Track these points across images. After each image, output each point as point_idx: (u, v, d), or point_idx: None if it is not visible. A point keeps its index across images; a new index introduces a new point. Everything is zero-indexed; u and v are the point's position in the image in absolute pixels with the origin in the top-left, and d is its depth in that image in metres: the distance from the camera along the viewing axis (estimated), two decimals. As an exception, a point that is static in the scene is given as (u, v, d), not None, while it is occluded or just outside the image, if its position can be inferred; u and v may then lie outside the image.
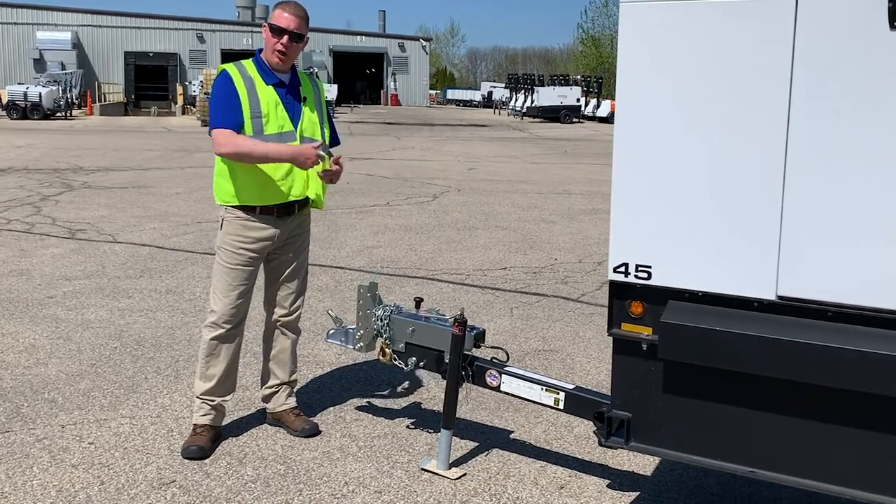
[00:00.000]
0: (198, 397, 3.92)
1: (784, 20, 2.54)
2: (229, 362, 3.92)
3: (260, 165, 3.78)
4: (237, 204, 3.82)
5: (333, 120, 4.19)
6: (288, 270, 4.01)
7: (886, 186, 2.47)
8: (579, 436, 4.11)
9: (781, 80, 2.57)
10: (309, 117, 3.90)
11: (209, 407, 3.91)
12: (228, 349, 3.91)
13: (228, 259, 3.85)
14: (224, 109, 3.75)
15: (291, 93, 3.87)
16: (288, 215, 3.90)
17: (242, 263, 3.85)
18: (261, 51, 3.88)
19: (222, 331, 3.87)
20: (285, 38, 3.77)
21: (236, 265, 3.84)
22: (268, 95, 3.79)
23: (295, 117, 3.85)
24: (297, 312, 4.10)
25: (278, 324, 4.08)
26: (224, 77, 3.79)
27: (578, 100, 43.23)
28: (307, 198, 3.96)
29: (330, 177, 3.82)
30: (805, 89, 2.55)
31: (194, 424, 3.92)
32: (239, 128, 3.73)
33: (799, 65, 2.55)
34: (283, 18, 3.78)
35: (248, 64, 3.86)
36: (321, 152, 3.76)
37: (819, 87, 2.54)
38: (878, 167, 2.48)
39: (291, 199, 3.88)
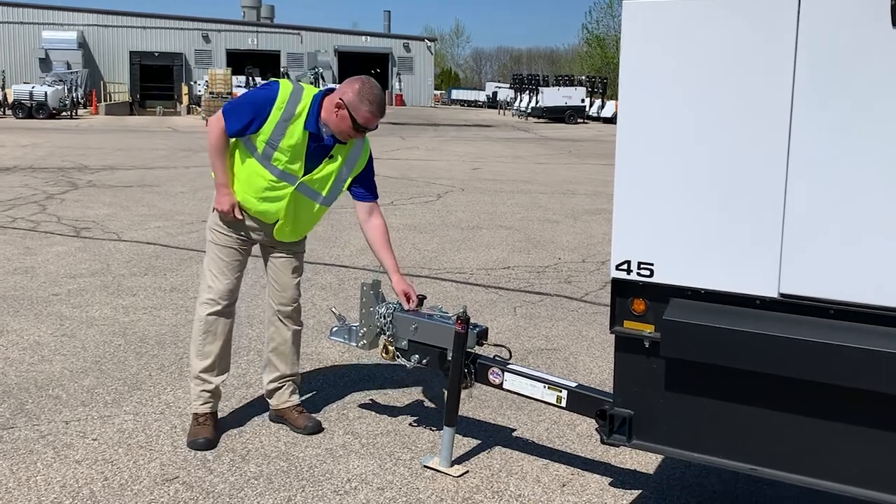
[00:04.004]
0: (196, 377, 3.94)
1: (787, 18, 2.55)
2: (225, 340, 3.96)
3: (245, 188, 3.80)
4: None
5: (374, 177, 4.05)
6: (284, 262, 4.04)
7: (889, 183, 2.47)
8: (582, 434, 4.11)
9: (784, 77, 2.58)
10: (324, 173, 3.82)
11: (208, 394, 3.93)
12: (225, 325, 3.95)
13: (220, 239, 3.92)
14: (240, 113, 3.69)
15: (321, 146, 3.78)
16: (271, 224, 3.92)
17: (234, 243, 3.92)
18: (328, 92, 3.73)
19: (219, 307, 3.91)
20: (357, 133, 3.74)
21: (228, 245, 3.92)
22: (297, 135, 3.70)
23: (309, 166, 3.78)
24: (296, 303, 4.11)
25: (279, 314, 4.10)
26: (271, 91, 3.69)
27: (583, 100, 43.13)
28: None
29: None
30: (808, 87, 2.55)
31: (195, 414, 3.93)
32: (236, 134, 3.72)
33: (802, 62, 2.55)
34: (367, 117, 3.67)
35: (306, 97, 3.71)
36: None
37: (822, 85, 2.54)
38: (881, 164, 2.48)
39: (266, 221, 3.89)
